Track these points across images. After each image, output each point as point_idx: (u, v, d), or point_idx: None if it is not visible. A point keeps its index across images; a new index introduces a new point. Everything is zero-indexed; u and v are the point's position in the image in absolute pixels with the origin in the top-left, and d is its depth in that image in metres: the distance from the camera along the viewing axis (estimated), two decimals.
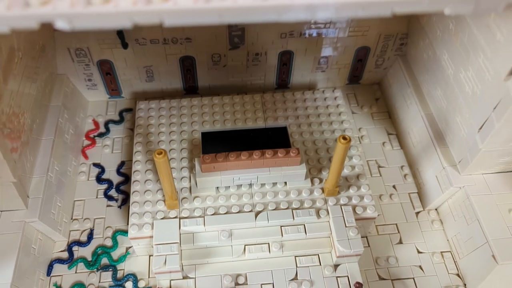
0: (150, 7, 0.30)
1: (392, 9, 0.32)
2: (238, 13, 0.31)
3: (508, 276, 0.54)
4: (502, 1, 0.31)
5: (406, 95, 0.71)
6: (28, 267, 0.55)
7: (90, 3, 0.30)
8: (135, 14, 0.30)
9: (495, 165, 0.58)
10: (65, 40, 0.65)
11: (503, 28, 0.44)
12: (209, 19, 0.31)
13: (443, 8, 0.32)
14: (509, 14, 0.42)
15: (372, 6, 0.32)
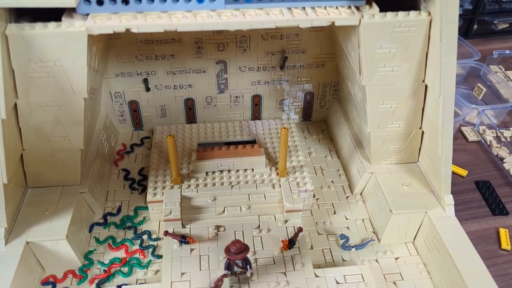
0: (172, 22, 0.63)
1: (276, 25, 0.61)
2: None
3: (399, 222, 0.80)
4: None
5: (341, 123, 1.03)
6: (77, 223, 0.81)
7: (147, 19, 0.60)
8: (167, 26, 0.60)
9: (391, 157, 0.87)
10: (109, 85, 0.99)
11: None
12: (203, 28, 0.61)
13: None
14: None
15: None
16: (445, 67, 0.64)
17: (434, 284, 0.76)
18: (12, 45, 0.57)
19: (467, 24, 1.48)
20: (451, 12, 0.59)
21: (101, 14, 0.58)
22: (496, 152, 1.05)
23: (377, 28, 0.61)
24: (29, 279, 0.73)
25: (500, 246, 0.86)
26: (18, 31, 0.56)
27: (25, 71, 0.60)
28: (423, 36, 0.63)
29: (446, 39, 0.61)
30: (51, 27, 0.56)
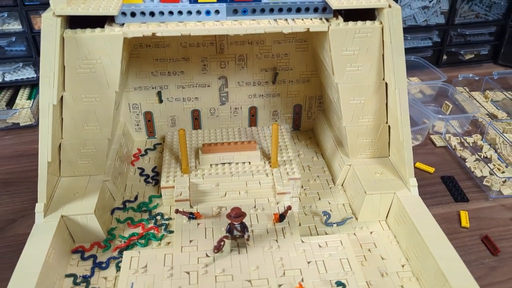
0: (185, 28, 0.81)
1: (265, 30, 0.81)
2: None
3: (372, 202, 0.96)
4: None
5: (325, 129, 1.20)
6: (102, 205, 0.96)
7: (167, 27, 0.80)
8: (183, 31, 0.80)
9: (365, 151, 1.04)
10: (128, 97, 1.17)
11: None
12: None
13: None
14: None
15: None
16: (396, 64, 0.82)
17: (402, 250, 0.91)
18: (67, 46, 0.75)
19: (437, 54, 1.69)
20: (396, 21, 0.78)
21: (133, 23, 0.77)
22: (459, 154, 1.22)
23: (342, 33, 0.80)
24: (62, 248, 0.87)
25: (461, 225, 1.00)
26: (72, 34, 0.75)
27: (74, 68, 0.79)
28: (378, 40, 0.82)
29: (394, 42, 0.80)
30: (97, 31, 0.75)
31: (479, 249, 0.95)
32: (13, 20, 1.34)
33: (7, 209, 1.04)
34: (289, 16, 0.80)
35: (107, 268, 0.87)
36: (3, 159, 1.21)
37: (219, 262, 0.84)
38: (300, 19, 0.80)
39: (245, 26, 0.77)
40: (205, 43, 1.11)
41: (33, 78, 1.42)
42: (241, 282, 0.80)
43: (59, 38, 0.74)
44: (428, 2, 1.56)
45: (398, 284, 0.84)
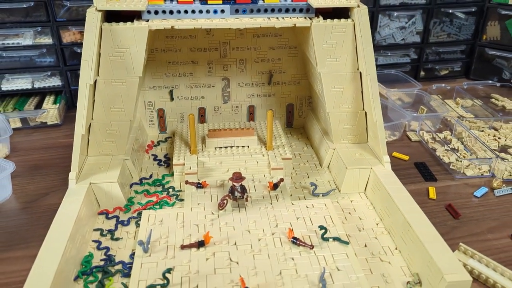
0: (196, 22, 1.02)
1: (260, 25, 1.01)
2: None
3: (352, 175, 1.13)
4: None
5: (314, 124, 1.38)
6: (123, 178, 1.13)
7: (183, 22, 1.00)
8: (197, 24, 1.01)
9: (347, 137, 1.22)
10: (144, 95, 1.36)
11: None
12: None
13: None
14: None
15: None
16: (367, 54, 1.02)
17: (376, 212, 1.07)
18: (104, 36, 0.95)
19: (415, 70, 1.90)
20: (364, 18, 0.98)
21: (156, 19, 0.97)
22: (431, 146, 1.40)
23: (322, 28, 1.00)
24: (90, 210, 1.04)
25: (429, 197, 1.17)
26: (109, 26, 0.95)
27: (107, 55, 0.98)
28: (351, 34, 1.02)
29: (364, 35, 1.00)
30: (128, 24, 0.95)
31: (443, 215, 1.11)
32: (44, 35, 1.55)
33: (40, 186, 1.21)
34: (279, 15, 1.00)
35: (128, 225, 1.03)
36: (34, 149, 1.39)
37: (223, 218, 1.01)
38: (289, 17, 1.00)
39: (245, 22, 0.98)
40: (211, 49, 1.31)
41: (58, 86, 1.61)
42: (241, 231, 0.96)
43: (99, 29, 0.94)
44: (405, 23, 1.79)
45: (372, 236, 1.00)
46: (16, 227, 1.06)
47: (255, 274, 0.85)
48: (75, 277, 0.87)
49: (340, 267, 0.87)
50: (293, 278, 0.85)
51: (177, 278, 0.84)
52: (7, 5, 1.44)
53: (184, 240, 0.93)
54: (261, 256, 0.90)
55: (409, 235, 0.92)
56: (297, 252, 0.91)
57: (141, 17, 0.98)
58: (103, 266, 0.90)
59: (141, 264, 0.88)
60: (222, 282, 0.84)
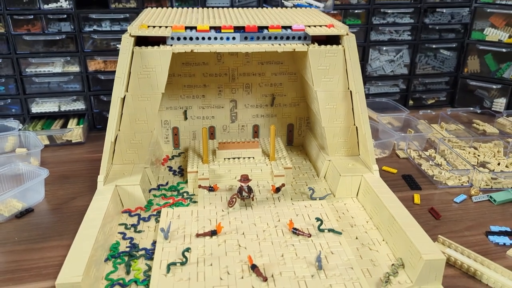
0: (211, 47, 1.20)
1: (265, 50, 1.20)
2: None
3: (345, 182, 1.28)
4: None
5: (311, 141, 1.55)
6: (143, 182, 1.29)
7: (201, 47, 1.19)
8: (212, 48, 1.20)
9: (341, 150, 1.38)
10: (161, 115, 1.54)
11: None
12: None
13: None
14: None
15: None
16: (355, 75, 1.20)
17: (367, 213, 1.22)
18: (134, 57, 1.14)
19: (404, 99, 2.09)
20: (352, 44, 1.17)
21: (179, 44, 1.16)
22: (417, 161, 1.56)
23: (317, 53, 1.19)
24: (115, 208, 1.18)
25: (413, 202, 1.32)
26: (139, 49, 1.14)
27: (136, 73, 1.16)
28: (341, 58, 1.20)
29: (353, 59, 1.18)
30: (155, 48, 1.14)
31: (426, 216, 1.26)
32: (71, 64, 1.75)
33: (68, 191, 1.36)
34: (281, 42, 1.19)
35: (149, 221, 1.17)
36: (61, 163, 1.55)
37: (232, 214, 1.16)
38: (289, 43, 1.19)
39: (252, 47, 1.17)
40: (221, 74, 1.50)
41: (82, 109, 1.79)
42: (248, 224, 1.11)
43: (131, 51, 1.13)
44: (393, 56, 2.00)
45: (363, 231, 1.14)
46: (49, 223, 1.21)
47: (261, 256, 1.00)
48: (106, 259, 1.01)
49: (334, 252, 1.02)
50: (294, 259, 0.99)
51: (194, 258, 0.98)
52: (42, 37, 1.65)
53: (198, 230, 1.08)
54: (265, 243, 1.04)
55: (394, 227, 1.07)
56: (296, 240, 1.05)
57: (165, 42, 1.17)
58: (128, 251, 1.04)
59: (163, 248, 1.02)
60: (232, 261, 0.98)
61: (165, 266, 0.96)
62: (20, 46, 1.66)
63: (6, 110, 1.76)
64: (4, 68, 1.68)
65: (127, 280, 0.95)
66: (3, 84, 1.72)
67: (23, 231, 1.17)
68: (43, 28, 1.64)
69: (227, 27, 1.17)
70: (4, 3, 1.58)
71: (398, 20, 1.93)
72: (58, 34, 1.66)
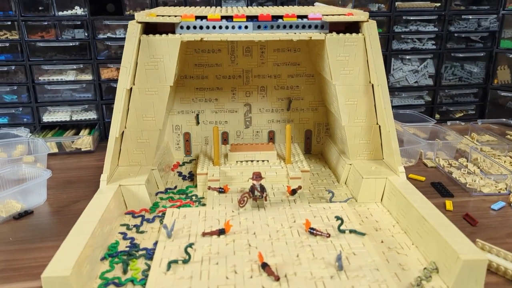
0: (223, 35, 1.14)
1: (279, 38, 1.12)
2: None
3: (368, 185, 1.17)
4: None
5: (331, 148, 1.45)
6: (150, 183, 1.20)
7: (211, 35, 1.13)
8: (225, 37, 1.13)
9: (363, 153, 1.27)
10: (172, 119, 1.47)
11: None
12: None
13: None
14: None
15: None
16: (377, 65, 1.11)
17: (393, 217, 1.10)
18: (141, 46, 1.08)
19: (430, 112, 1.97)
20: (373, 32, 1.09)
21: (188, 33, 1.10)
22: (447, 170, 1.43)
23: (335, 41, 1.11)
24: (117, 209, 1.10)
25: (446, 209, 1.19)
26: (146, 37, 1.08)
27: (143, 64, 1.10)
28: (362, 48, 1.12)
29: (374, 47, 1.10)
30: (163, 36, 1.09)
31: (460, 223, 1.12)
32: (85, 73, 1.71)
33: (71, 195, 1.29)
34: (297, 31, 1.12)
35: (153, 222, 1.08)
36: (67, 169, 1.48)
37: (243, 214, 1.05)
38: (305, 32, 1.12)
39: (265, 35, 1.10)
40: (235, 76, 1.43)
41: (93, 119, 1.74)
42: (260, 225, 1.00)
43: (138, 39, 1.07)
44: (417, 66, 1.90)
45: (389, 235, 1.02)
46: (48, 225, 1.12)
47: (273, 256, 0.88)
48: (102, 257, 0.92)
49: (357, 253, 0.90)
50: (310, 259, 0.87)
51: (198, 257, 0.88)
52: (55, 43, 1.63)
53: (205, 230, 0.98)
54: (279, 242, 0.93)
55: (425, 228, 0.95)
56: (314, 241, 0.94)
57: (174, 32, 1.11)
58: (128, 250, 0.95)
59: (164, 247, 0.92)
60: (241, 261, 0.87)
61: (166, 264, 0.85)
62: (33, 53, 1.64)
63: (18, 119, 1.73)
64: (17, 76, 1.66)
65: (123, 280, 0.85)
66: (16, 93, 1.69)
67: (19, 232, 1.09)
68: (57, 35, 1.63)
69: (239, 15, 1.11)
70: (19, 10, 1.58)
71: (421, 28, 1.85)
72: (71, 41, 1.64)
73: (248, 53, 1.41)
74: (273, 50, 1.41)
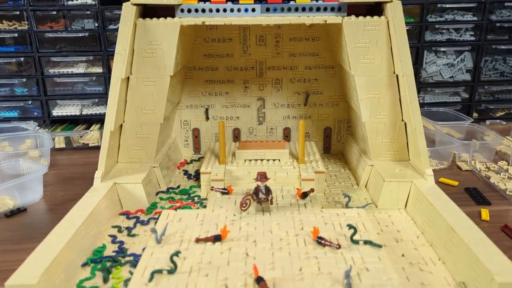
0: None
1: (290, 22, 1.00)
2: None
3: (390, 189, 1.03)
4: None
5: (352, 148, 1.31)
6: (148, 182, 1.10)
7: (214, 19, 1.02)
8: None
9: (386, 153, 1.13)
10: (181, 114, 1.37)
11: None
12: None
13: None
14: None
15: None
16: (402, 53, 0.97)
17: (418, 227, 0.96)
18: (138, 31, 0.99)
19: (467, 110, 1.80)
20: (398, 14, 0.95)
21: (188, 17, 1.00)
22: (484, 174, 1.27)
23: (354, 26, 0.98)
24: (111, 209, 1.01)
25: (481, 219, 1.04)
26: (142, 21, 0.98)
27: (140, 51, 1.01)
28: (385, 33, 0.98)
29: (398, 32, 0.96)
30: (161, 20, 0.99)
31: (498, 236, 0.97)
32: (95, 66, 1.64)
33: (69, 193, 1.21)
34: (311, 14, 1.00)
35: (147, 224, 0.98)
36: (72, 165, 1.41)
37: (245, 219, 0.94)
38: (320, 16, 0.99)
39: (275, 18, 0.98)
40: (247, 68, 1.32)
41: (104, 113, 1.67)
42: (262, 231, 0.89)
43: (133, 23, 0.98)
44: (453, 60, 1.73)
45: (411, 247, 0.88)
46: (39, 223, 1.05)
47: (272, 269, 0.76)
48: (83, 263, 0.83)
49: (370, 268, 0.76)
50: (315, 274, 0.75)
51: (186, 267, 0.77)
52: (64, 34, 1.56)
53: (200, 235, 0.87)
54: (281, 253, 0.81)
55: (454, 241, 0.81)
56: (321, 252, 0.81)
57: (175, 16, 1.01)
58: (113, 256, 0.85)
59: (152, 253, 0.82)
60: (235, 273, 0.75)
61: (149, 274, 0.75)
62: (42, 45, 1.58)
63: (29, 113, 1.68)
64: (29, 69, 1.61)
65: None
66: (27, 85, 1.65)
67: (6, 231, 1.01)
68: (66, 25, 1.56)
69: None
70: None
71: (458, 17, 1.68)
72: (81, 31, 1.57)
73: (262, 42, 1.30)
74: (289, 39, 1.29)
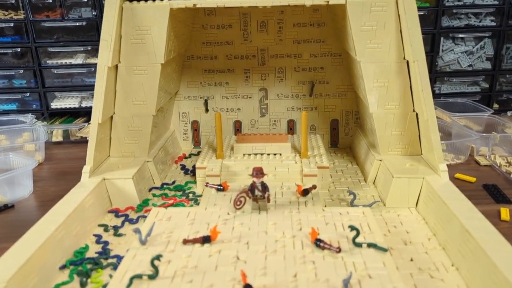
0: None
1: (289, 3, 0.92)
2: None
3: (400, 186, 0.94)
4: None
5: (361, 141, 1.23)
6: (140, 178, 1.04)
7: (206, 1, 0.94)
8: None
9: (396, 147, 1.04)
10: (179, 106, 1.30)
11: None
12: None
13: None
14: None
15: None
16: (413, 36, 0.88)
17: (429, 228, 0.87)
18: (124, 15, 0.92)
19: (487, 100, 1.69)
20: None
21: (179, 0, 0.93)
22: (505, 169, 1.17)
23: (359, 6, 0.89)
24: (100, 204, 0.95)
25: (500, 219, 0.95)
26: (129, 5, 0.91)
27: (128, 37, 0.94)
28: (393, 14, 0.89)
29: (408, 12, 0.87)
30: (149, 3, 0.91)
31: None
32: (95, 57, 1.59)
33: (61, 188, 1.15)
34: None
35: (136, 223, 0.92)
36: (67, 159, 1.36)
37: (239, 218, 0.86)
38: None
39: (273, 0, 0.90)
40: (248, 56, 1.24)
41: None
42: (256, 232, 0.81)
43: (119, 7, 0.91)
44: (472, 47, 1.62)
45: (422, 251, 0.80)
46: (26, 221, 0.98)
47: (264, 274, 0.69)
48: (62, 265, 0.77)
49: (373, 275, 0.68)
50: (310, 281, 0.67)
51: (170, 271, 0.70)
52: (62, 24, 1.51)
53: (189, 236, 0.80)
54: (275, 257, 0.74)
55: (469, 245, 0.72)
56: (320, 256, 0.73)
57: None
58: (95, 258, 0.79)
59: (135, 256, 0.75)
60: (221, 279, 0.68)
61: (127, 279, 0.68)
62: (39, 35, 1.53)
63: (28, 105, 1.64)
64: (26, 60, 1.56)
65: None
66: (25, 77, 1.60)
67: None
68: (63, 14, 1.51)
69: None
70: None
71: (478, 1, 1.57)
72: (78, 20, 1.51)
73: (264, 28, 1.22)
74: (292, 24, 1.21)
